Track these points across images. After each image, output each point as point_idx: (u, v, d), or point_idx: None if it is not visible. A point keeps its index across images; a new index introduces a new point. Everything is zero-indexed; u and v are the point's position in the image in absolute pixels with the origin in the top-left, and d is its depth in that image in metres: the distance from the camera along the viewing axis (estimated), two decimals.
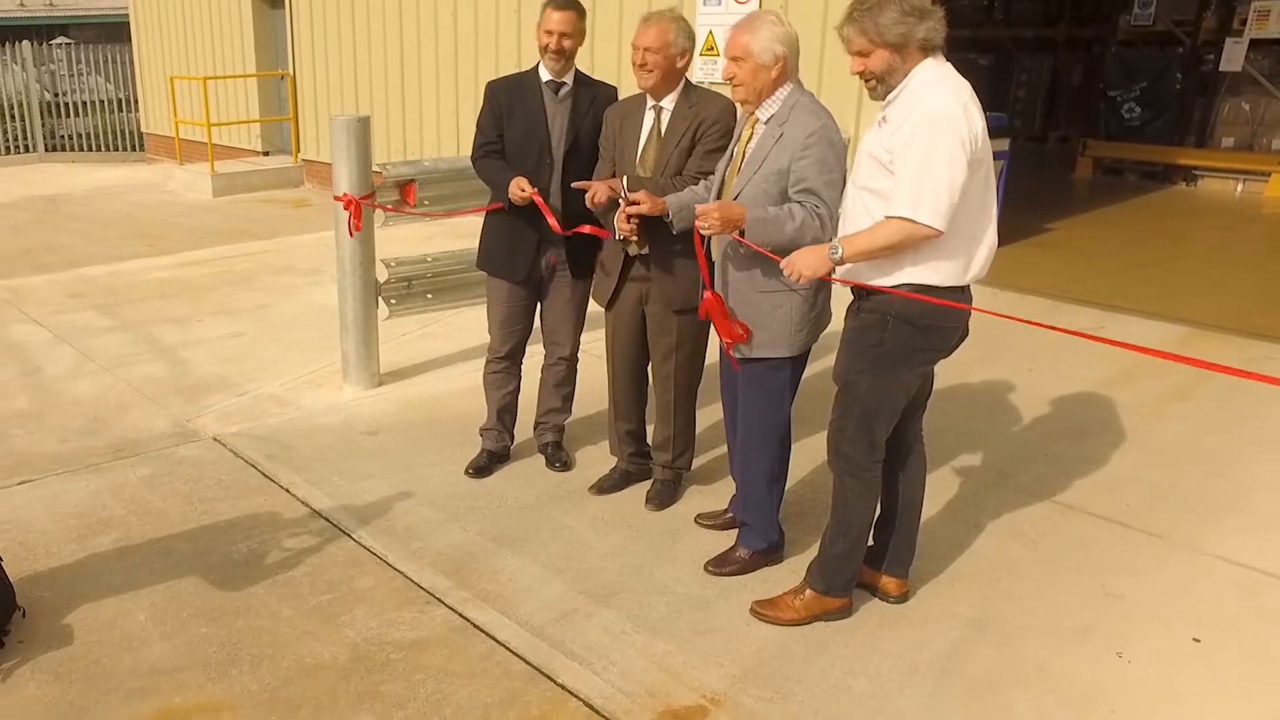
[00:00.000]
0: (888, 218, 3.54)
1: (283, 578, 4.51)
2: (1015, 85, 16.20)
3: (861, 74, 3.65)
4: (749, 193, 4.03)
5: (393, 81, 13.31)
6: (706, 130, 4.50)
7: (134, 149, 19.91)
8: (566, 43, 4.88)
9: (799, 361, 4.31)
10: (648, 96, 4.61)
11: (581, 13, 4.95)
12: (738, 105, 4.22)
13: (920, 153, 3.46)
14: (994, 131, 3.92)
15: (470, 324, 7.44)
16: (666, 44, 4.43)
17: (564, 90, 5.01)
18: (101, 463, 5.67)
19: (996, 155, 8.02)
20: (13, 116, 19.61)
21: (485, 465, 5.47)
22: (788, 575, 4.48)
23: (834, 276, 3.82)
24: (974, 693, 3.80)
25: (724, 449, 5.50)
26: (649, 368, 5.05)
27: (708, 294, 4.18)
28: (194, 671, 3.89)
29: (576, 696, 3.74)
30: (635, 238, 4.53)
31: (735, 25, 4.01)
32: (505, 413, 5.55)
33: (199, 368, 7.23)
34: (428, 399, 6.49)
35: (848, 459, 3.99)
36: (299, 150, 15.31)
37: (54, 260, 10.88)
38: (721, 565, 4.53)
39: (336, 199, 6.17)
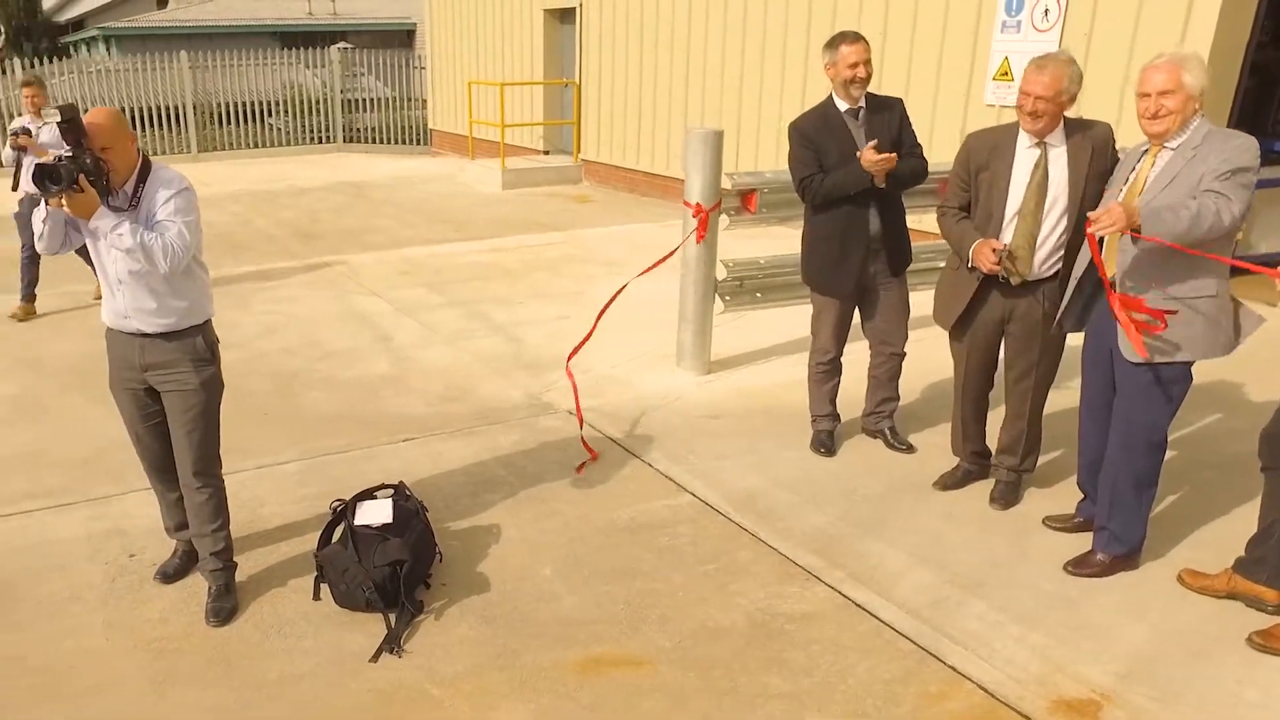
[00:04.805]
0: None
1: (666, 545, 4.59)
2: (1277, 107, 15.22)
3: None
4: (1151, 205, 3.87)
5: (676, 92, 13.44)
6: (1105, 153, 4.41)
7: (414, 142, 20.73)
8: (869, 69, 5.06)
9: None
10: (1023, 134, 4.49)
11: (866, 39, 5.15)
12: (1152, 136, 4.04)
13: None
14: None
15: (774, 318, 7.44)
16: (1059, 91, 4.31)
17: (861, 114, 5.15)
18: (473, 427, 5.89)
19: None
20: (314, 111, 20.71)
21: (830, 444, 5.59)
22: (1144, 580, 4.31)
23: None
24: None
25: (1060, 451, 5.41)
26: (995, 378, 4.98)
27: (1117, 296, 4.01)
28: (606, 625, 3.99)
29: (969, 679, 3.68)
30: (1016, 270, 4.50)
31: (1159, 65, 3.87)
32: (835, 400, 5.68)
33: (534, 346, 7.45)
34: (758, 388, 6.50)
35: None
36: (579, 150, 15.62)
37: (377, 240, 11.41)
38: (1081, 566, 4.39)
39: (686, 205, 6.26)
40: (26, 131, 7.92)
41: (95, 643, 3.88)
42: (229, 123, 20.03)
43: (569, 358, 6.43)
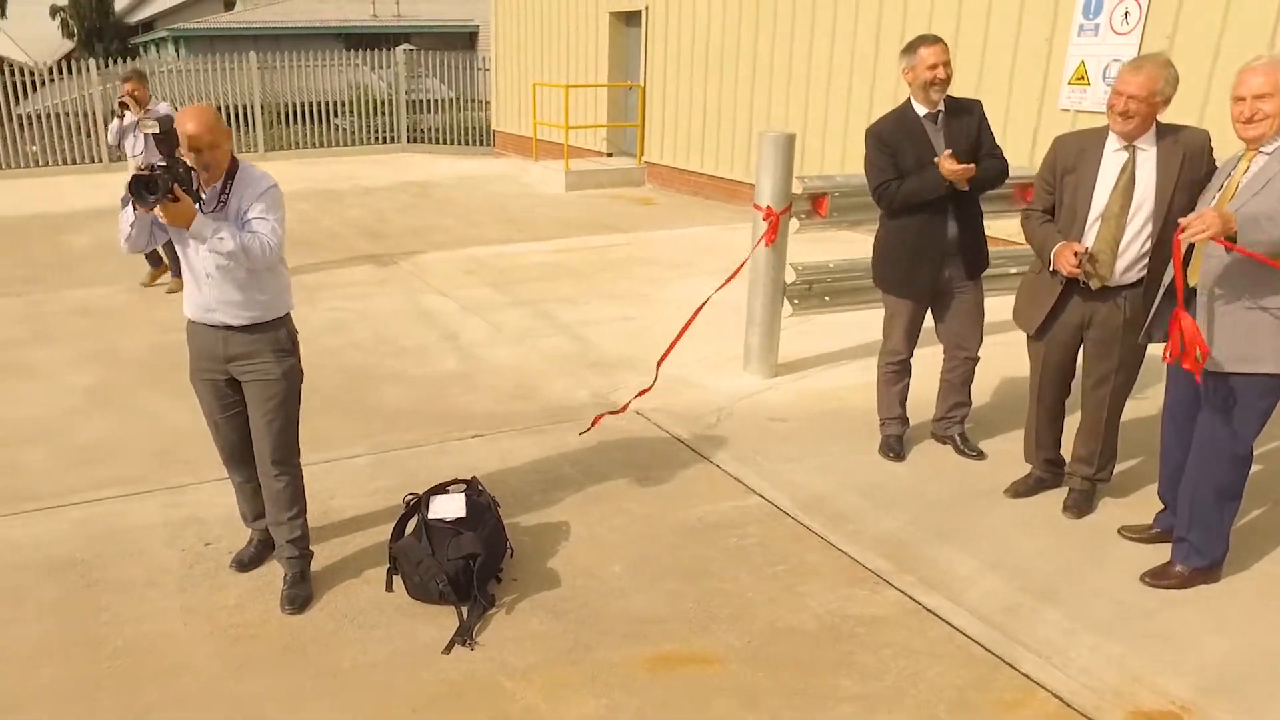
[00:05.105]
0: None
1: (734, 546, 4.60)
2: None
3: None
4: (1246, 211, 3.81)
5: (741, 95, 13.45)
6: (1199, 161, 4.32)
7: (477, 143, 20.93)
8: (948, 70, 5.04)
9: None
10: (1112, 136, 4.44)
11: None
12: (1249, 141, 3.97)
13: None
14: None
15: (841, 322, 7.41)
16: (1153, 92, 4.26)
17: (940, 118, 5.14)
18: (541, 425, 5.95)
19: None
20: (379, 112, 20.99)
21: (899, 449, 5.56)
22: (1225, 594, 4.24)
23: None
24: None
25: (1136, 460, 5.35)
26: (1072, 385, 4.92)
27: (1182, 313, 3.97)
28: (676, 624, 4.01)
29: (1044, 688, 3.65)
30: (1096, 274, 4.46)
31: (1257, 67, 3.80)
32: (904, 402, 5.66)
33: (600, 346, 7.49)
34: (825, 391, 6.49)
35: None
36: (643, 153, 15.69)
37: (442, 239, 11.54)
38: (1159, 578, 4.33)
39: (757, 208, 6.27)
40: (134, 97, 8.25)
41: (173, 627, 3.97)
42: (295, 123, 20.35)
43: (615, 413, 6.18)
